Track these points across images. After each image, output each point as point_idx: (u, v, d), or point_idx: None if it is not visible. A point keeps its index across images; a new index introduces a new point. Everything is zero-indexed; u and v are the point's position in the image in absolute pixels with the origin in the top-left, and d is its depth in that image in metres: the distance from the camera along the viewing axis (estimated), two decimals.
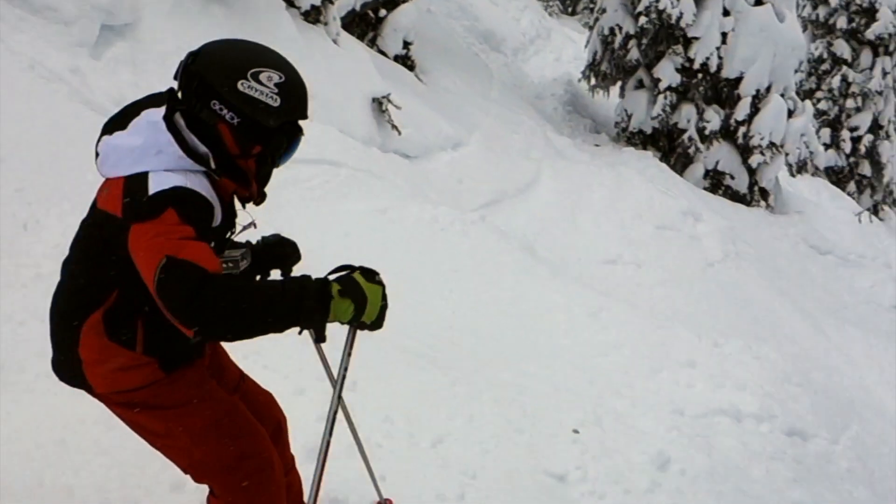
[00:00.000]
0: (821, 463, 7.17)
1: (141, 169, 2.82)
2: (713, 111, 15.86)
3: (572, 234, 11.19)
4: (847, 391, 10.20)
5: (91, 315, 3.01)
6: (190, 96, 2.93)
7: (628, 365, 7.67)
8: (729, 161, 16.05)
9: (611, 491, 5.44)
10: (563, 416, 6.12)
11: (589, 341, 8.09)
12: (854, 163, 27.64)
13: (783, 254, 14.81)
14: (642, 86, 16.01)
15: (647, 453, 5.90)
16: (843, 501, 6.81)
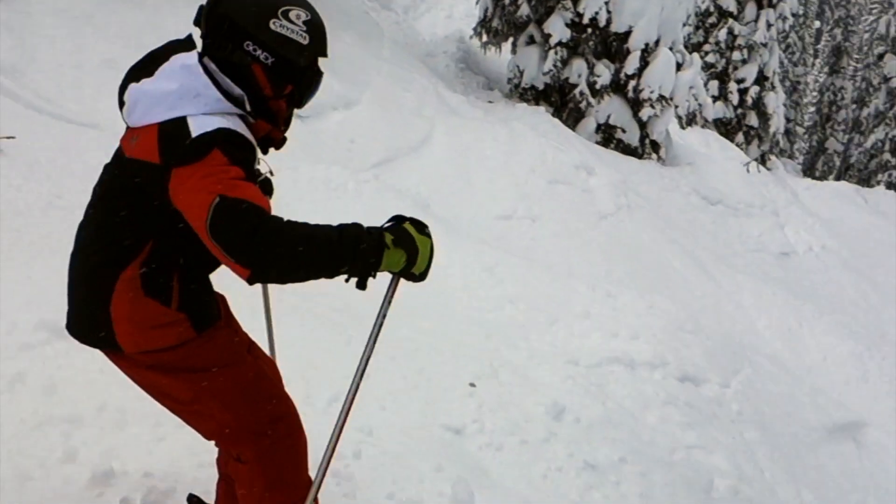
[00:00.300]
0: (712, 407, 7.35)
1: (178, 114, 2.75)
2: (603, 66, 15.95)
3: (466, 191, 11.20)
4: (738, 337, 10.46)
5: (127, 268, 2.91)
6: (220, 39, 2.88)
7: (524, 318, 7.74)
8: (620, 115, 16.19)
9: (507, 442, 5.50)
10: (460, 371, 6.16)
11: (485, 296, 8.14)
12: (742, 114, 28.16)
13: (675, 205, 15.05)
14: (533, 42, 16.01)
15: (543, 404, 5.97)
16: (735, 443, 7.00)
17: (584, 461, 5.59)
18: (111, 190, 2.98)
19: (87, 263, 3.01)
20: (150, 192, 2.79)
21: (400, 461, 4.84)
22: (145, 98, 2.84)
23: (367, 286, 2.84)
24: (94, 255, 2.98)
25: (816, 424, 8.85)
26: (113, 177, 2.98)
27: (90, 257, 2.99)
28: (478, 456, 5.33)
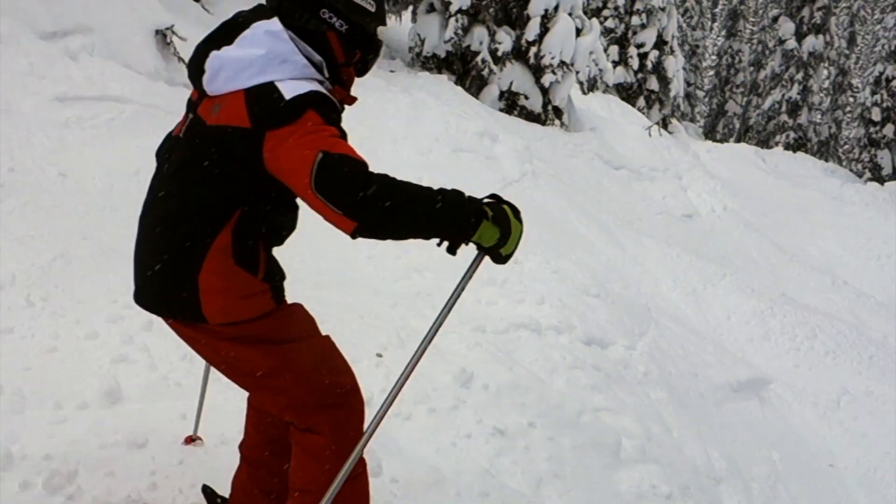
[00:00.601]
0: (619, 369, 7.43)
1: (266, 79, 2.79)
2: (504, 32, 15.97)
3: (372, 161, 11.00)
4: (643, 299, 10.59)
5: (219, 235, 2.91)
6: (296, 7, 2.94)
7: (431, 287, 7.72)
8: (522, 81, 16.24)
9: (416, 411, 5.48)
10: (367, 342, 6.12)
11: (391, 266, 8.11)
12: (642, 78, 28.50)
13: (579, 170, 15.15)
14: (433, 10, 15.94)
15: (451, 372, 5.96)
16: (641, 403, 7.08)
17: (492, 427, 5.60)
18: (194, 159, 2.94)
19: (172, 234, 2.95)
20: (240, 158, 2.83)
21: None
22: (231, 64, 2.85)
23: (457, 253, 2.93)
24: (183, 225, 2.93)
25: (722, 382, 9.02)
26: (193, 146, 2.95)
27: (177, 228, 2.94)
28: (386, 426, 5.26)
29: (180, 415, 4.62)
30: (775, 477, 7.87)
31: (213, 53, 2.90)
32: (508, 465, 5.42)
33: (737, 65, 44.40)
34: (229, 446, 4.46)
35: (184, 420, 4.57)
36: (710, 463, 7.19)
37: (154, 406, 4.70)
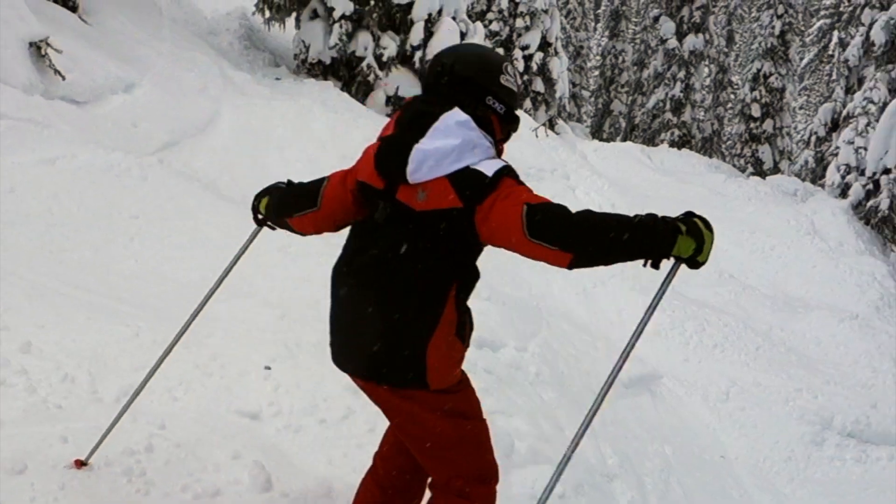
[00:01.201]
0: (510, 371, 7.45)
1: (464, 164, 3.20)
2: (389, 38, 15.93)
3: (258, 171, 10.99)
4: (535, 300, 10.67)
5: (446, 309, 3.31)
6: (468, 98, 3.36)
7: (319, 296, 7.61)
8: (409, 86, 16.22)
9: (306, 423, 5.43)
10: (255, 354, 6.04)
11: (280, 276, 8.03)
12: (528, 80, 28.72)
13: None
14: (317, 16, 15.80)
15: (341, 382, 5.88)
16: (534, 404, 7.12)
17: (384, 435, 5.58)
18: (410, 242, 3.30)
19: (401, 311, 3.30)
20: (454, 235, 3.24)
21: (195, 452, 4.72)
22: (433, 155, 3.20)
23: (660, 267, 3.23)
24: (411, 302, 3.30)
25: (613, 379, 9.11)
26: (405, 231, 3.29)
27: (405, 305, 3.29)
28: (276, 440, 5.24)
29: (61, 438, 4.50)
30: (668, 470, 7.99)
31: (416, 147, 3.22)
32: None
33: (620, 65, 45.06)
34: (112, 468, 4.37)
35: (65, 443, 4.46)
36: (603, 460, 7.26)
37: (33, 430, 4.56)
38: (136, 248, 7.88)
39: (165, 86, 11.70)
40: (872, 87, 22.59)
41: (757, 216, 19.88)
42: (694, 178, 24.18)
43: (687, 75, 37.13)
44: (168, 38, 13.56)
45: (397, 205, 3.31)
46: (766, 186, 23.78)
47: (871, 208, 21.36)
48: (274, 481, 4.60)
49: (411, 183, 3.25)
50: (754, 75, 37.22)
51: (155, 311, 6.54)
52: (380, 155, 3.36)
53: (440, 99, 3.36)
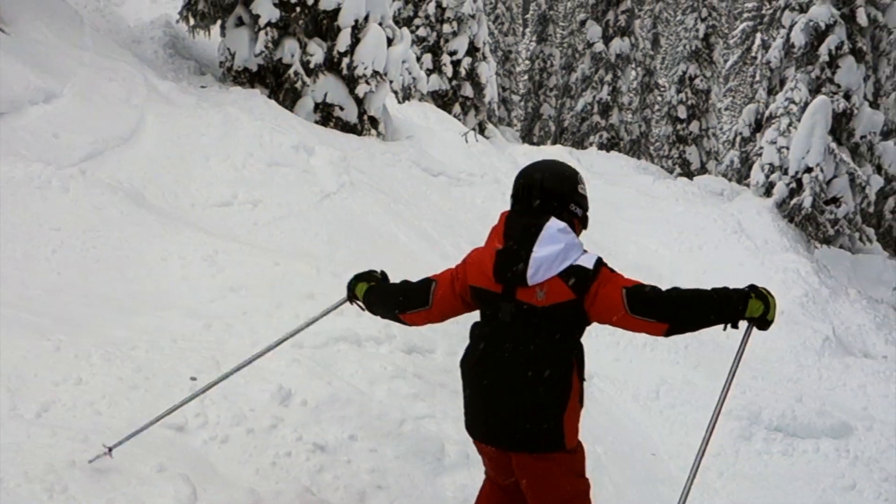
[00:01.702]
0: (441, 376, 7.44)
1: (567, 264, 3.89)
2: (316, 44, 15.84)
3: (183, 180, 10.88)
4: None
5: (573, 382, 4.01)
6: (558, 208, 4.06)
7: (247, 305, 7.60)
8: (336, 93, 16.17)
9: (233, 433, 5.39)
10: (180, 366, 5.97)
11: (206, 286, 7.95)
12: (457, 85, 28.80)
13: (397, 179, 15.19)
14: (242, 23, 15.66)
15: (268, 390, 5.87)
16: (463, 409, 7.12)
17: (313, 443, 5.55)
18: (540, 333, 3.96)
19: (540, 389, 3.96)
20: (570, 321, 3.96)
21: (118, 466, 4.63)
22: (546, 260, 3.87)
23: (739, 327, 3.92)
24: (548, 381, 3.95)
25: None
26: (532, 325, 3.95)
27: (543, 384, 3.95)
28: (203, 451, 5.19)
29: None
30: (600, 470, 8.02)
31: (533, 256, 3.89)
32: (330, 480, 5.38)
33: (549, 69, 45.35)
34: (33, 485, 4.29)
35: None
36: None
37: None
38: (58, 260, 7.73)
39: (87, 95, 11.50)
40: (793, 87, 22.95)
41: (685, 216, 20.11)
42: (623, 179, 24.37)
43: (614, 78, 37.49)
44: (90, 47, 13.34)
45: (519, 304, 3.95)
46: (694, 187, 24.06)
47: (794, 206, 21.72)
48: (200, 493, 4.55)
49: (530, 285, 3.91)
50: (680, 77, 37.72)
51: (77, 325, 6.44)
52: (500, 265, 3.99)
53: (535, 211, 4.05)
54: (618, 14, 37.21)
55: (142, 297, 7.44)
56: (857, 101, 22.62)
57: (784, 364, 12.01)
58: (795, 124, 22.34)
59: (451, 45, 28.30)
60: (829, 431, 9.84)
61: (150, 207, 9.73)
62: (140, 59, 14.86)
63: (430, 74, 28.06)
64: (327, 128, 15.88)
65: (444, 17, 28.25)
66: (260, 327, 7.13)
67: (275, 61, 15.81)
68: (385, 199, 13.43)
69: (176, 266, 8.24)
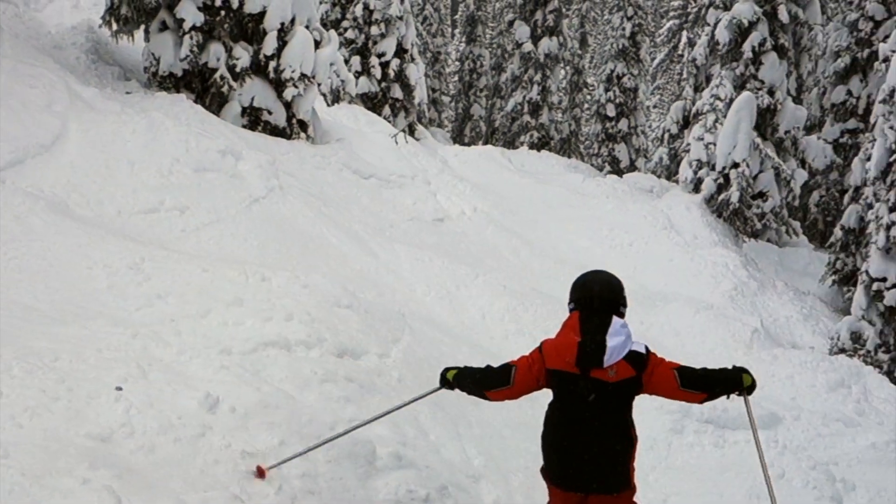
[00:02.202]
0: (372, 378, 7.41)
1: (628, 349, 4.98)
2: (242, 48, 15.68)
3: (109, 187, 10.72)
4: (397, 305, 10.65)
5: (634, 437, 5.18)
6: (616, 310, 5.13)
7: (174, 312, 7.50)
8: (264, 96, 16.02)
9: (160, 442, 5.30)
10: (105, 375, 5.85)
11: (132, 295, 7.84)
12: (386, 87, 28.69)
13: (328, 182, 15.12)
14: (166, 28, 15.46)
15: (196, 398, 5.80)
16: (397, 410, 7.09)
17: (242, 450, 5.49)
18: (610, 405, 5.06)
19: (619, 449, 5.13)
20: (631, 393, 5.08)
21: (41, 480, 4.54)
22: (616, 348, 4.94)
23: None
24: (623, 443, 5.14)
25: None
26: (608, 401, 5.04)
27: (620, 445, 5.13)
28: (129, 461, 5.10)
29: None
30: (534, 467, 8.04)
31: (608, 346, 4.95)
32: (261, 486, 5.32)
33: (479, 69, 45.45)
34: None
35: None
36: (468, 461, 7.28)
37: None
38: None
39: (7, 103, 11.28)
40: (719, 84, 23.23)
41: (615, 213, 20.27)
42: (553, 178, 24.49)
43: (543, 78, 37.65)
44: (9, 54, 13.09)
45: (594, 381, 4.98)
46: (624, 184, 24.24)
47: (722, 201, 22.01)
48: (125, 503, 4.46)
49: (604, 367, 4.95)
50: (608, 76, 37.98)
51: None
52: (584, 353, 4.96)
53: (598, 312, 5.07)
54: (546, 14, 37.39)
55: (66, 307, 7.31)
56: (780, 96, 22.99)
57: (714, 357, 12.13)
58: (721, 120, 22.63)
59: (379, 47, 28.19)
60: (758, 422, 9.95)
61: (74, 216, 9.58)
62: (62, 65, 14.60)
63: (359, 77, 27.95)
64: (255, 132, 15.74)
65: (371, 19, 28.14)
66: (188, 334, 7.04)
67: (200, 66, 15.64)
68: (315, 202, 13.36)
69: (101, 275, 8.11)
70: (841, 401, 10.98)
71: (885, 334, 14.83)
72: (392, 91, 28.70)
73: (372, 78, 28.33)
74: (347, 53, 27.85)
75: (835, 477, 9.10)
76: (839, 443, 9.97)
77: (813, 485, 8.82)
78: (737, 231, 22.25)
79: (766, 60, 22.97)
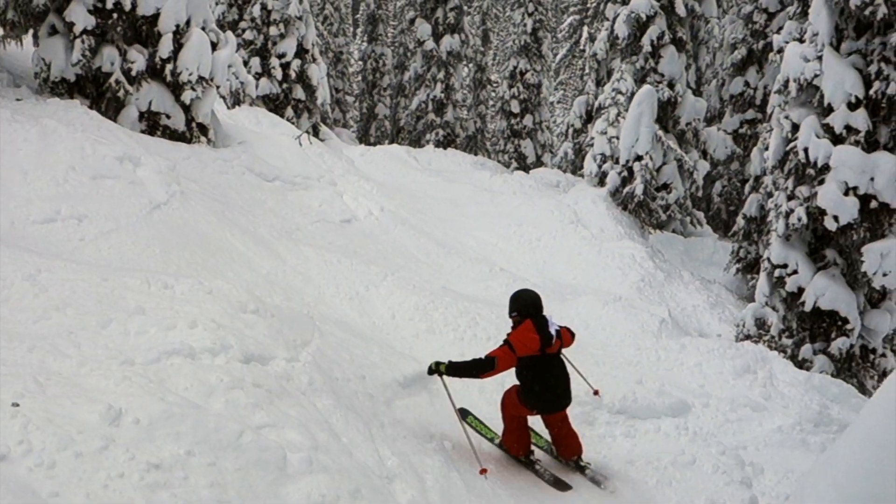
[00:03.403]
0: (281, 383, 7.26)
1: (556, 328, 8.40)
2: (136, 51, 15.31)
3: (1, 197, 10.38)
4: (306, 308, 10.52)
5: None
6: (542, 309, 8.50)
7: (73, 324, 7.24)
8: (161, 100, 15.68)
9: (60, 458, 5.09)
10: (1, 392, 5.61)
11: (28, 307, 7.54)
12: (287, 88, 28.46)
13: (231, 186, 14.88)
14: (56, 32, 15.02)
15: (97, 411, 5.58)
16: (307, 414, 6.96)
17: (146, 462, 5.29)
18: (557, 359, 8.43)
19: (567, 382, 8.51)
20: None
21: None
22: (555, 333, 8.28)
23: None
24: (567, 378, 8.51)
25: (390, 381, 9.08)
26: (556, 359, 8.42)
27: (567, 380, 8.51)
28: (28, 479, 4.88)
29: None
30: (449, 465, 7.99)
31: (552, 333, 8.28)
32: (167, 498, 5.16)
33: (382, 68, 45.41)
34: None
35: None
36: (381, 462, 7.17)
37: None
38: None
39: None
40: (620, 78, 23.51)
41: (523, 209, 20.36)
42: (461, 176, 24.54)
43: (446, 76, 37.75)
44: None
45: (549, 354, 8.31)
46: (531, 180, 24.39)
47: (627, 194, 22.28)
48: None
49: (553, 344, 8.26)
50: (511, 73, 38.19)
51: None
52: (543, 343, 8.19)
53: (539, 314, 8.37)
54: (447, 11, 37.48)
55: None
56: (680, 89, 23.35)
57: (623, 348, 12.23)
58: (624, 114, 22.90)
59: (279, 48, 27.93)
60: (668, 410, 10.09)
61: None
62: None
63: (260, 78, 27.67)
64: (154, 137, 15.41)
65: (270, 20, 27.87)
66: (87, 346, 6.80)
67: (94, 70, 15.23)
68: (218, 206, 13.13)
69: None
70: (748, 386, 11.14)
71: (788, 319, 15.08)
72: (294, 92, 28.46)
73: (273, 79, 28.07)
74: (247, 55, 27.57)
75: (744, 461, 9.23)
76: (747, 427, 10.13)
77: (723, 470, 8.92)
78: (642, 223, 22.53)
79: (665, 54, 23.30)
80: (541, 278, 16.37)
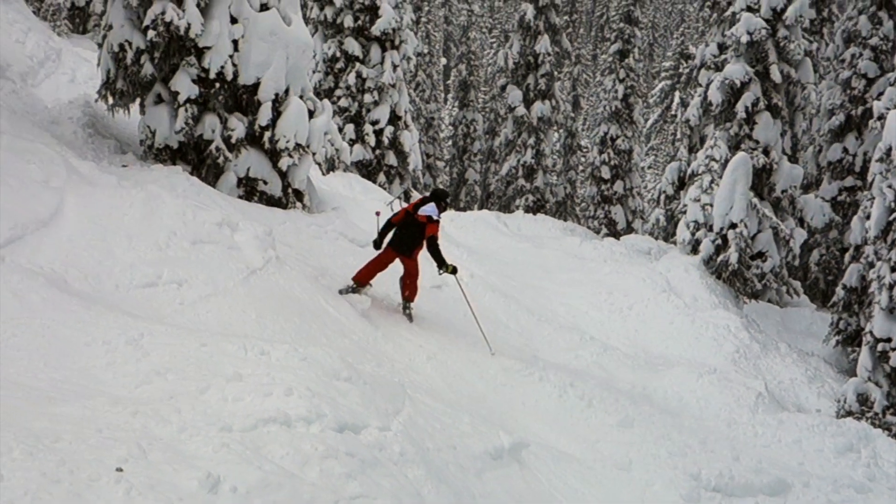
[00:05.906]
0: (374, 452, 7.31)
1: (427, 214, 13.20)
2: (236, 119, 15.75)
3: (106, 262, 10.69)
4: (397, 375, 10.58)
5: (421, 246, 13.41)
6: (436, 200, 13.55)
7: (174, 389, 7.41)
8: (259, 167, 16.07)
9: None
10: (105, 456, 5.76)
11: (131, 371, 7.75)
12: (380, 154, 28.86)
13: (324, 251, 15.11)
14: (162, 100, 15.53)
15: (197, 478, 5.70)
16: (399, 484, 6.99)
17: None
18: (411, 226, 13.22)
19: (413, 241, 13.27)
20: (422, 230, 13.19)
21: None
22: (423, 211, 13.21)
23: None
24: (416, 241, 13.26)
25: (481, 452, 9.04)
26: (410, 223, 13.21)
27: (414, 241, 13.26)
28: None
29: None
30: None
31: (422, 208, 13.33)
32: None
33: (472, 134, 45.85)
34: None
35: None
36: None
37: None
38: None
39: (5, 179, 11.28)
40: (713, 145, 23.38)
41: (613, 276, 20.26)
42: (550, 241, 24.54)
43: (537, 141, 37.94)
44: (6, 130, 13.12)
45: (412, 220, 13.10)
46: (621, 247, 24.30)
47: (721, 263, 22.00)
48: None
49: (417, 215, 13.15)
50: (602, 138, 38.26)
51: None
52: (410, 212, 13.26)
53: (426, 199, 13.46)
54: (538, 78, 37.76)
55: (65, 386, 7.23)
56: (775, 156, 23.08)
57: (719, 422, 12.05)
58: (717, 181, 22.72)
59: (372, 115, 28.39)
60: (766, 489, 9.85)
61: (73, 291, 9.54)
62: (59, 139, 14.66)
63: (354, 144, 28.12)
64: (251, 202, 15.77)
65: (364, 87, 28.36)
66: (187, 411, 6.95)
67: (196, 137, 15.69)
68: (312, 272, 13.34)
69: (100, 351, 8.04)
70: (850, 466, 10.86)
71: (893, 396, 14.73)
72: (386, 158, 28.87)
73: (366, 145, 28.50)
74: (341, 122, 28.04)
75: None
76: None
77: None
78: (737, 292, 22.23)
79: (760, 120, 23.12)
80: (632, 347, 16.26)
